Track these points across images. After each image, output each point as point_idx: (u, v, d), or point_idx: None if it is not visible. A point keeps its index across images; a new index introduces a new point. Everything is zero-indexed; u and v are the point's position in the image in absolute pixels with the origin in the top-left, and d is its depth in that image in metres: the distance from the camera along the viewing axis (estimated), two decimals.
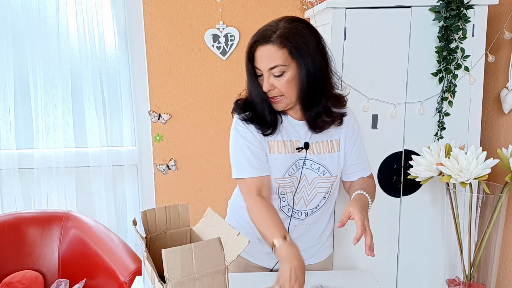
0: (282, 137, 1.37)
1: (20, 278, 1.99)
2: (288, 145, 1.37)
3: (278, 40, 1.23)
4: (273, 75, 1.26)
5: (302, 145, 1.37)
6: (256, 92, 1.32)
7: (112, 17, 2.31)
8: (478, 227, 1.76)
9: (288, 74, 1.26)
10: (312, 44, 1.26)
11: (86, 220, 2.12)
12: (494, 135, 2.03)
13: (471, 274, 1.77)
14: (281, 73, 1.25)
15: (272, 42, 1.23)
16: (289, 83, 1.27)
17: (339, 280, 1.41)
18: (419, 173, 1.78)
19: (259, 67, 1.28)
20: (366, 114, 1.91)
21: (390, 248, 2.03)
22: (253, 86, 1.32)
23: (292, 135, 1.38)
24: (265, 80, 1.27)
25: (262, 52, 1.25)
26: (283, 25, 1.25)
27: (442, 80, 1.87)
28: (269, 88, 1.28)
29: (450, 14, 1.79)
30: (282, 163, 1.36)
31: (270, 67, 1.25)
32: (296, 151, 1.37)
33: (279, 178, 1.37)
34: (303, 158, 1.38)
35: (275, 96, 1.30)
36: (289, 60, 1.25)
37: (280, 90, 1.28)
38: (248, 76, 1.33)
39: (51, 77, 2.33)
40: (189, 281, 0.94)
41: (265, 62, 1.25)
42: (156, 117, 2.38)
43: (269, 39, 1.24)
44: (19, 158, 2.40)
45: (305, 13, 2.27)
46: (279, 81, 1.27)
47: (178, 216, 1.22)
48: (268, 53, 1.24)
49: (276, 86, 1.28)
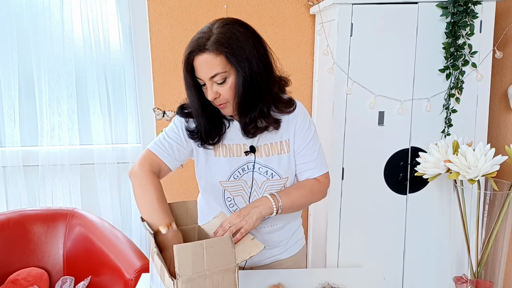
0: (227, 141, 1.36)
1: (26, 275, 1.99)
2: (233, 149, 1.35)
3: (213, 47, 1.18)
4: (216, 83, 1.22)
5: (248, 148, 1.35)
6: (196, 104, 1.28)
7: (116, 14, 2.30)
8: (485, 225, 1.75)
9: (231, 80, 1.22)
10: (248, 47, 1.21)
11: (91, 217, 2.12)
12: (501, 131, 2.02)
13: (478, 272, 1.76)
14: (223, 80, 1.21)
15: (208, 50, 1.18)
16: (232, 89, 1.23)
17: (346, 278, 1.41)
18: (426, 170, 1.76)
19: (200, 77, 1.23)
20: (373, 111, 1.91)
21: (396, 246, 2.03)
22: (193, 98, 1.28)
23: (238, 139, 1.35)
24: (208, 89, 1.23)
25: (200, 62, 1.20)
26: (216, 30, 1.20)
27: (449, 76, 1.86)
28: (214, 96, 1.23)
29: (457, 10, 1.78)
30: (226, 166, 1.35)
31: (211, 76, 1.20)
32: (243, 155, 1.35)
33: (224, 181, 1.36)
34: (252, 161, 1.36)
35: (221, 103, 1.27)
36: (228, 66, 1.20)
37: (225, 97, 1.24)
38: (187, 89, 1.28)
39: (56, 74, 2.32)
40: (200, 277, 0.93)
41: (204, 71, 1.20)
42: (160, 114, 2.37)
43: (204, 47, 1.18)
44: (24, 156, 2.40)
45: (310, 9, 2.25)
46: (223, 88, 1.22)
47: (186, 212, 1.22)
48: (206, 62, 1.19)
49: (220, 93, 1.24)
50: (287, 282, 1.36)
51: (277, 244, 1.48)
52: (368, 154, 1.94)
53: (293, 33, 2.33)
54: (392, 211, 1.99)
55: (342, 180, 1.95)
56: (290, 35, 2.32)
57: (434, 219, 2.00)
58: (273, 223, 1.42)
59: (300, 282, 1.37)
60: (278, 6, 2.30)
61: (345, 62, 1.86)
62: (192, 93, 1.27)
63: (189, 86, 1.27)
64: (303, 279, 1.39)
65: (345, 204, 1.98)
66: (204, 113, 1.30)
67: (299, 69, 2.35)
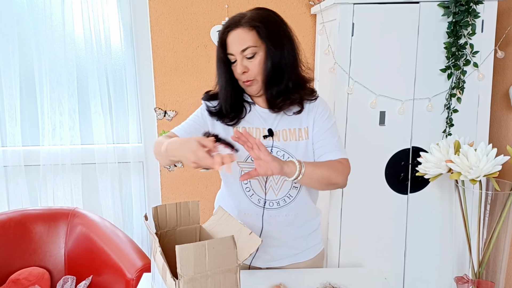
0: (247, 125, 1.42)
1: (27, 275, 1.99)
2: (252, 132, 1.41)
3: (247, 24, 1.30)
4: (245, 58, 1.31)
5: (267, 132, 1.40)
6: (224, 79, 1.36)
7: (117, 13, 2.30)
8: (487, 225, 1.75)
9: (260, 56, 1.32)
10: (279, 31, 1.33)
11: (92, 217, 2.12)
12: (502, 131, 2.01)
13: (479, 272, 1.76)
14: (252, 55, 1.31)
15: (242, 25, 1.30)
16: (261, 65, 1.32)
17: (348, 278, 1.41)
18: (428, 170, 1.77)
19: (231, 51, 1.32)
20: (374, 111, 1.90)
21: (397, 246, 2.03)
22: (222, 73, 1.36)
23: (258, 123, 1.42)
24: (238, 63, 1.32)
25: (233, 36, 1.31)
26: (251, 12, 1.33)
27: (451, 76, 1.86)
28: (243, 70, 1.31)
29: (459, 9, 1.78)
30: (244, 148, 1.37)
31: (242, 49, 1.30)
32: (262, 138, 1.40)
33: (241, 162, 1.40)
34: (270, 146, 1.40)
35: (247, 80, 1.34)
36: (259, 42, 1.31)
37: (253, 72, 1.32)
38: (218, 64, 1.37)
39: (57, 74, 2.32)
40: (202, 278, 0.93)
41: (236, 45, 1.30)
42: (162, 114, 2.37)
43: (238, 23, 1.31)
44: (25, 155, 2.40)
45: (311, 9, 2.25)
46: (252, 63, 1.31)
47: (188, 213, 1.22)
48: (239, 36, 1.30)
49: (249, 68, 1.32)
50: (288, 282, 1.36)
51: (293, 241, 1.49)
52: (369, 154, 1.94)
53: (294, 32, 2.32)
54: (393, 211, 1.99)
55: None
56: None
57: (435, 219, 2.00)
58: (288, 212, 1.44)
59: (302, 282, 1.37)
60: (279, 5, 2.30)
61: (346, 62, 1.86)
62: (222, 68, 1.35)
63: (220, 61, 1.35)
64: (304, 279, 1.39)
65: (346, 203, 1.98)
66: (229, 88, 1.37)
67: None
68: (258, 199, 1.42)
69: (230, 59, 1.34)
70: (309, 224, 1.52)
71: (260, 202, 1.42)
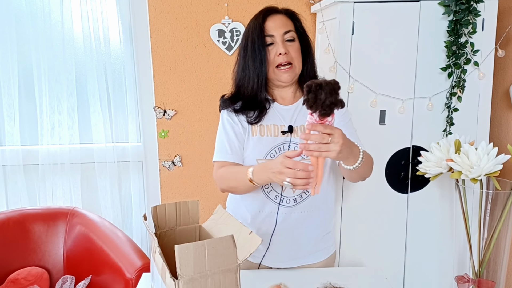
0: (266, 122, 1.43)
1: (26, 274, 1.98)
2: (271, 129, 1.42)
3: (287, 14, 1.41)
4: (286, 41, 1.37)
5: (286, 128, 1.41)
6: (259, 62, 1.37)
7: (116, 12, 2.29)
8: (488, 224, 1.74)
9: (297, 43, 1.39)
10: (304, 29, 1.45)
11: (91, 216, 2.11)
12: (503, 130, 2.01)
13: (480, 271, 1.76)
14: (293, 38, 1.38)
15: (282, 13, 1.41)
16: (298, 51, 1.39)
17: (348, 278, 1.40)
18: (428, 169, 1.76)
19: (273, 33, 1.36)
20: (374, 110, 1.90)
21: (397, 245, 2.02)
22: (257, 56, 1.37)
23: (278, 119, 1.43)
24: (280, 44, 1.36)
25: (275, 19, 1.38)
26: (283, 8, 1.44)
27: (451, 75, 1.85)
28: (285, 50, 1.35)
29: (459, 8, 1.77)
30: (263, 145, 1.41)
31: (285, 31, 1.36)
32: (280, 135, 1.41)
33: (261, 159, 1.41)
34: (288, 142, 1.41)
35: (285, 63, 1.36)
36: (295, 34, 1.40)
37: (292, 55, 1.37)
38: (251, 50, 1.37)
39: (56, 73, 2.31)
40: (201, 277, 0.92)
41: (279, 27, 1.37)
42: (161, 113, 2.37)
43: (278, 10, 1.41)
44: (24, 155, 2.39)
45: (311, 7, 2.24)
46: (292, 47, 1.37)
47: (188, 212, 1.21)
48: (282, 20, 1.38)
49: (289, 51, 1.36)
50: (289, 282, 1.35)
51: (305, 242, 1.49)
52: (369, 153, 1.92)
53: None
54: (393, 210, 1.98)
55: (343, 179, 1.94)
56: None
57: (436, 218, 1.99)
58: (303, 209, 1.44)
59: (302, 282, 1.37)
60: (279, 4, 2.25)
61: (347, 60, 1.85)
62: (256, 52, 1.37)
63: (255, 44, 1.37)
64: (305, 279, 1.39)
65: (346, 203, 1.97)
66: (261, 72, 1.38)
67: None
68: (276, 195, 1.42)
69: (268, 41, 1.37)
70: (323, 225, 1.52)
71: (276, 199, 1.42)
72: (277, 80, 1.40)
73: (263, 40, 1.36)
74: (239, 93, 1.45)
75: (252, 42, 1.37)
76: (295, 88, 1.47)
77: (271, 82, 1.44)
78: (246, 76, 1.40)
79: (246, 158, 1.43)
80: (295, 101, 1.47)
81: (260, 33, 1.36)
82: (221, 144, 1.43)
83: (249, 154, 1.42)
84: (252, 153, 1.41)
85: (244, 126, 1.43)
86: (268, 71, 1.38)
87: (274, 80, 1.41)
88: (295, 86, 1.47)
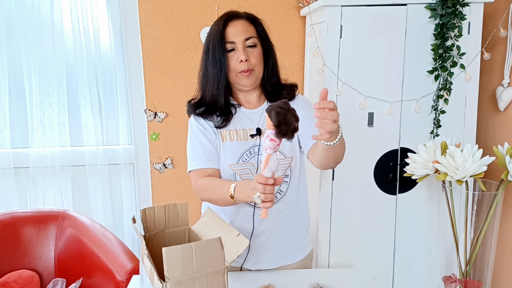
0: (234, 126, 1.43)
1: (16, 278, 1.98)
2: (240, 133, 1.43)
3: (248, 19, 1.40)
4: (247, 47, 1.36)
5: (255, 131, 1.42)
6: (219, 68, 1.36)
7: (107, 15, 2.30)
8: (474, 225, 1.77)
9: (258, 49, 1.39)
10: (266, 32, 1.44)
11: (82, 219, 2.11)
12: (489, 132, 2.04)
13: (467, 271, 1.78)
14: (254, 44, 1.37)
15: (243, 18, 1.39)
16: (260, 57, 1.39)
17: (336, 278, 1.42)
18: (415, 171, 1.78)
19: (234, 39, 1.35)
20: (362, 112, 1.92)
21: (386, 246, 2.04)
22: (217, 62, 1.36)
23: (246, 123, 1.44)
24: (241, 51, 1.35)
25: (236, 25, 1.36)
26: (245, 13, 1.42)
27: (438, 77, 1.88)
28: (245, 57, 1.34)
29: (446, 11, 1.80)
30: (234, 150, 1.41)
31: (246, 38, 1.36)
32: (249, 138, 1.42)
33: (233, 165, 1.41)
34: (257, 145, 1.42)
35: (247, 69, 1.36)
36: (257, 40, 1.39)
37: (253, 62, 1.37)
38: (213, 54, 1.36)
39: (46, 75, 2.31)
40: (189, 280, 0.94)
41: (240, 33, 1.36)
42: (152, 115, 2.37)
43: (239, 15, 1.39)
44: (15, 157, 2.38)
45: (301, 11, 2.26)
46: (252, 53, 1.37)
47: (177, 215, 1.22)
48: (243, 26, 1.37)
49: (250, 57, 1.36)
50: (277, 283, 1.37)
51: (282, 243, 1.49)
52: (358, 155, 1.95)
53: (284, 34, 2.33)
54: (382, 211, 2.01)
55: (333, 180, 1.96)
56: (281, 36, 2.33)
57: (424, 219, 2.02)
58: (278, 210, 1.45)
59: (290, 282, 1.38)
60: (269, 7, 2.31)
61: (335, 63, 1.87)
62: (217, 57, 1.36)
63: (216, 50, 1.36)
64: (293, 280, 1.40)
65: (335, 204, 1.99)
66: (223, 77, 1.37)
67: (290, 70, 2.35)
68: None
69: (228, 47, 1.36)
70: (300, 223, 1.53)
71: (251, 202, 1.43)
72: (239, 84, 1.41)
73: (224, 47, 1.35)
74: (203, 98, 1.46)
75: (212, 48, 1.37)
76: (259, 92, 1.47)
77: (234, 86, 1.44)
78: (207, 81, 1.42)
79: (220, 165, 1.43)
80: (261, 104, 1.47)
81: (220, 39, 1.35)
82: (195, 152, 1.42)
83: (222, 161, 1.42)
84: (224, 159, 1.41)
85: (214, 131, 1.43)
86: (230, 76, 1.39)
87: (236, 84, 1.42)
88: (258, 90, 1.47)
